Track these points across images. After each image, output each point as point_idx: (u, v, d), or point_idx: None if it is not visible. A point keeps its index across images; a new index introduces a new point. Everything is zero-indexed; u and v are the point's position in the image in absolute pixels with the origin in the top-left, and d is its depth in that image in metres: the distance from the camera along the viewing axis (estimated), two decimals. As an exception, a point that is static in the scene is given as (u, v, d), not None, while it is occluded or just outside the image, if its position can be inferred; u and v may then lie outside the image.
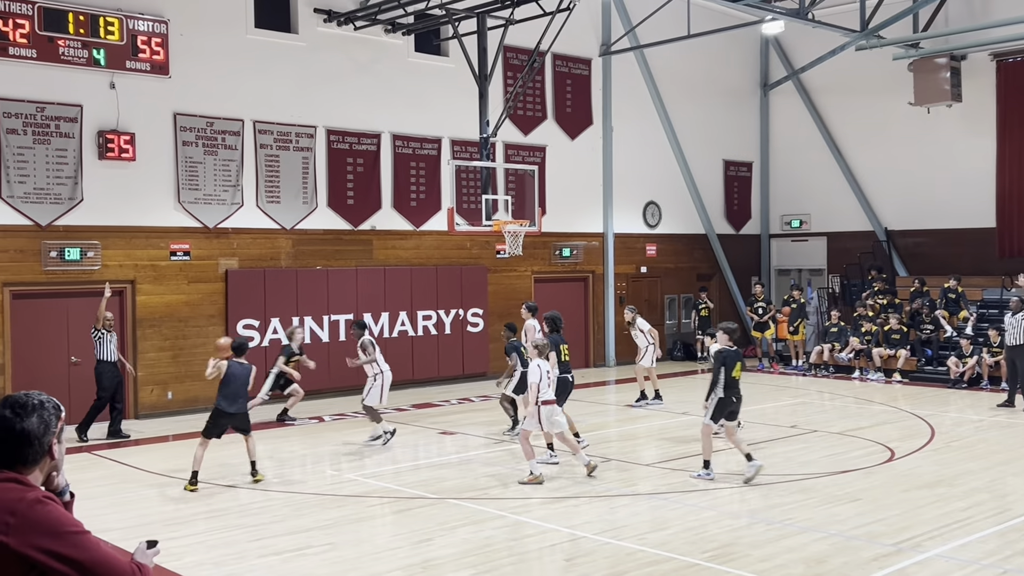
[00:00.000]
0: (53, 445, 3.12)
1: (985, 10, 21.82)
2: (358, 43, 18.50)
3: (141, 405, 16.03)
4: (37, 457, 3.08)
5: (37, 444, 3.06)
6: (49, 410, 3.11)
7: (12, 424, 3.04)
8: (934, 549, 8.27)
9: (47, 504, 2.98)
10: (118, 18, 15.49)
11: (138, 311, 15.99)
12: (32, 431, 3.05)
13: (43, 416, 3.08)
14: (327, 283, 18.09)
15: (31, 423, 3.05)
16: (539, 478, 10.91)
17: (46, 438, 3.09)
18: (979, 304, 21.19)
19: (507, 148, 20.82)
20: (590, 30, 22.40)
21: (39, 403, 3.10)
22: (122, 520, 9.74)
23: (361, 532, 9.08)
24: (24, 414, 3.05)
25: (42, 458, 3.09)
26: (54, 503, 3.02)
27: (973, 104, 22.06)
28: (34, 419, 3.06)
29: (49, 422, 3.10)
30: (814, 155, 25.33)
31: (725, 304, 25.53)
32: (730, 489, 10.62)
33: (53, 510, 2.98)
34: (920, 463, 11.91)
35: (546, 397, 11.16)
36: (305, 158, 17.86)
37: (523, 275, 21.31)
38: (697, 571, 7.80)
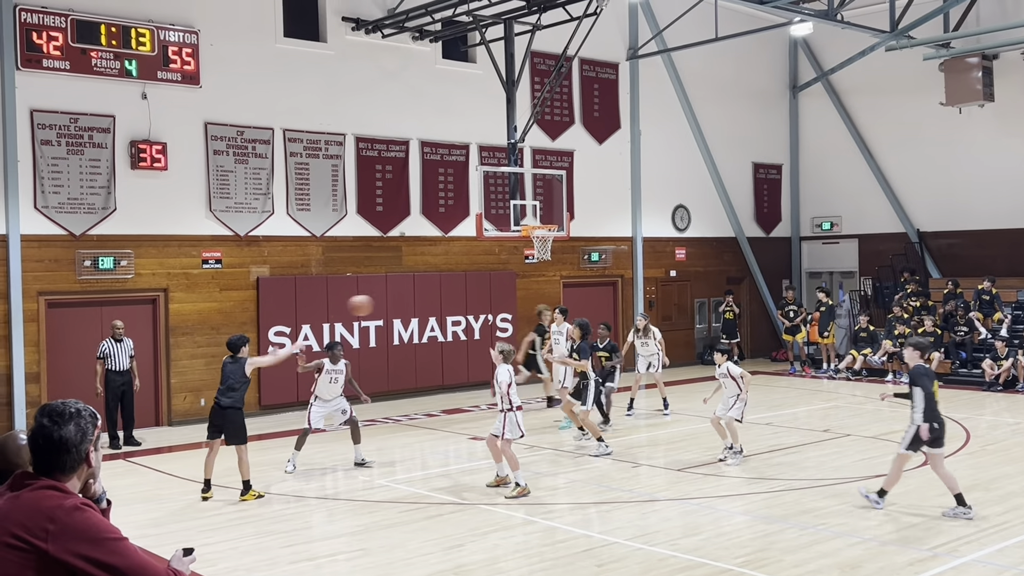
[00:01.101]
0: (90, 452, 3.17)
1: (1017, 9, 21.56)
2: (386, 51, 18.60)
3: (175, 412, 16.18)
4: (75, 464, 3.12)
5: (75, 452, 3.11)
6: (86, 418, 3.16)
7: (50, 432, 3.09)
8: (970, 554, 8.18)
9: (85, 511, 3.03)
10: (149, 29, 15.67)
11: (171, 319, 16.15)
12: (70, 439, 3.09)
13: (80, 424, 3.13)
14: (357, 289, 18.13)
15: (68, 431, 3.10)
16: (525, 490, 10.60)
17: (83, 446, 3.13)
18: (1014, 305, 20.92)
19: (535, 153, 20.83)
20: (617, 34, 22.38)
21: (76, 411, 3.15)
22: (156, 526, 9.83)
23: (393, 538, 9.11)
24: (62, 422, 3.10)
25: (79, 465, 3.14)
26: (92, 510, 3.06)
27: (1006, 103, 21.80)
28: (71, 427, 3.11)
29: (86, 430, 3.14)
30: (844, 157, 25.13)
31: (756, 307, 25.38)
32: (762, 494, 10.55)
33: (91, 517, 3.02)
34: (956, 467, 11.71)
35: (518, 403, 10.91)
36: (334, 165, 17.97)
37: (552, 280, 21.31)
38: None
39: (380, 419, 16.32)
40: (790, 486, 10.85)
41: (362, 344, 18.16)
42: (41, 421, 3.10)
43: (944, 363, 20.02)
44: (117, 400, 14.34)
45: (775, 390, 19.49)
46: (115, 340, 14.36)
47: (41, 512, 2.96)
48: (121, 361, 14.34)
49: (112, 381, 14.25)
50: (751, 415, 15.99)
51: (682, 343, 23.26)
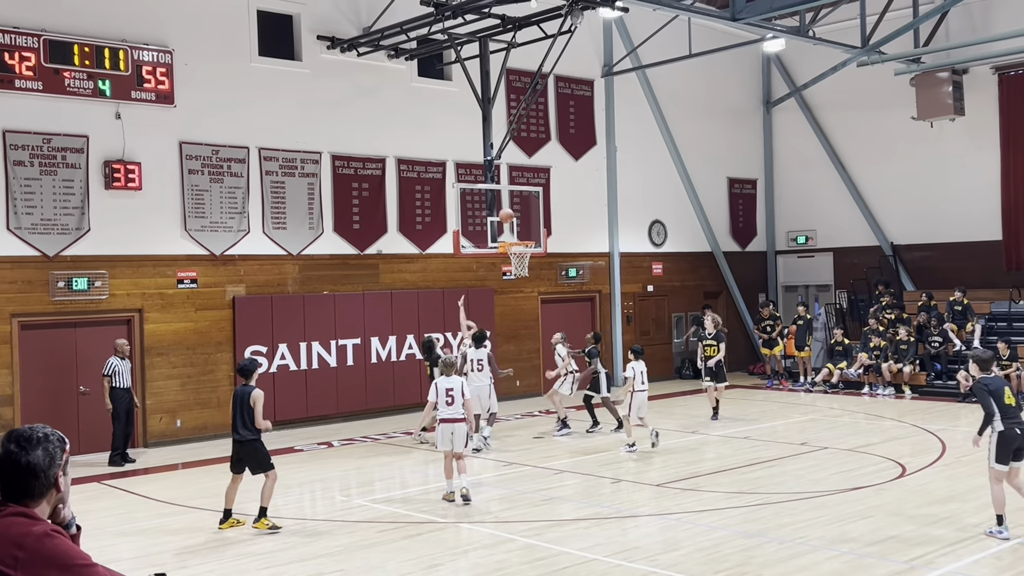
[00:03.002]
0: (59, 477, 3.13)
1: (986, 24, 21.86)
2: (361, 69, 18.61)
3: (150, 433, 16.03)
4: (43, 490, 3.08)
5: (43, 477, 3.07)
6: (54, 443, 3.12)
7: (18, 458, 3.05)
8: (947, 565, 8.22)
9: (55, 537, 2.99)
10: (123, 49, 15.61)
11: (146, 339, 16.02)
12: (38, 464, 3.06)
13: (48, 449, 3.09)
14: (334, 308, 18.12)
15: (36, 456, 3.06)
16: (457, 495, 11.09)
17: (52, 471, 3.09)
18: (987, 317, 21.12)
19: (511, 170, 20.88)
20: (592, 51, 22.51)
21: (44, 436, 3.11)
22: (132, 550, 9.73)
23: (371, 558, 9.05)
24: (29, 447, 3.06)
25: (48, 491, 3.10)
26: (62, 536, 3.02)
27: (976, 117, 22.07)
28: (39, 452, 3.07)
29: (54, 455, 3.11)
30: (818, 171, 25.35)
31: (733, 322, 25.48)
32: (741, 509, 10.57)
33: (61, 543, 2.98)
34: (932, 479, 11.84)
35: (444, 415, 11.21)
36: (311, 184, 17.93)
37: (530, 296, 21.32)
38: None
39: (359, 438, 16.23)
40: (769, 500, 10.87)
41: (339, 362, 18.08)
42: (8, 447, 3.06)
43: (919, 375, 20.17)
44: (124, 416, 14.55)
45: (753, 404, 19.56)
46: (121, 358, 14.59)
47: (9, 539, 2.92)
48: (126, 378, 14.65)
49: (120, 398, 14.51)
50: (728, 429, 16.07)
51: (660, 358, 23.29)
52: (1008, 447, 8.90)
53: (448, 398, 11.22)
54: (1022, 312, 20.70)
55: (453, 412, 11.22)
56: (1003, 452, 8.92)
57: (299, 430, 17.17)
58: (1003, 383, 9.31)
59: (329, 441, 16.05)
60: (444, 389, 11.25)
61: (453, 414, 11.22)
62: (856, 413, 17.97)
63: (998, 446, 8.94)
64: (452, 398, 11.22)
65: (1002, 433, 8.93)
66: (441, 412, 11.26)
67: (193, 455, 15.16)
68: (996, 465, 8.97)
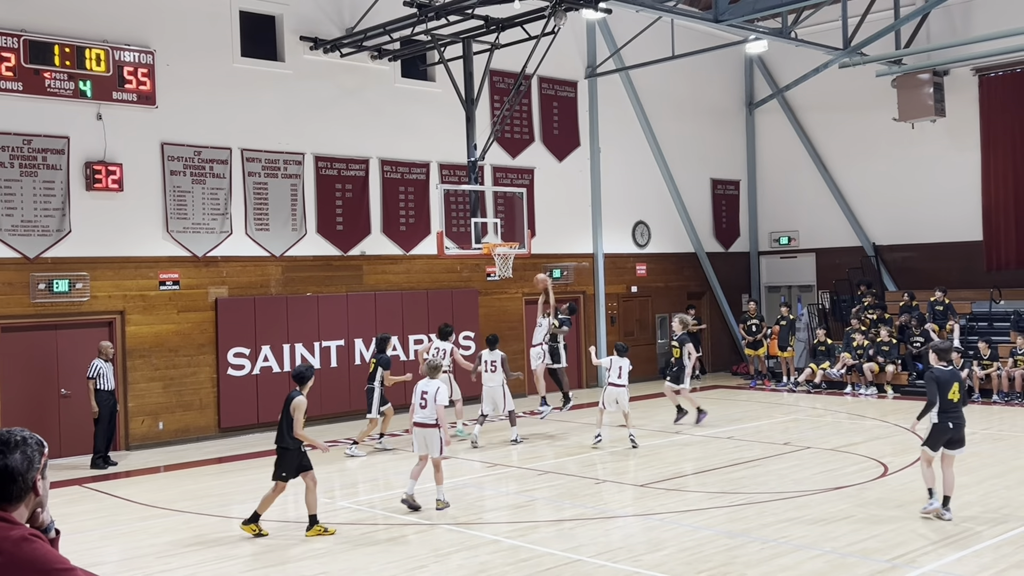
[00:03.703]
0: (37, 481, 3.10)
1: (966, 26, 22.02)
2: (345, 70, 18.57)
3: (132, 436, 15.94)
4: (22, 494, 3.06)
5: (21, 481, 3.04)
6: (32, 446, 3.10)
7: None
8: (929, 564, 8.26)
9: (33, 542, 2.96)
10: (104, 49, 15.52)
11: (128, 342, 15.93)
12: (16, 468, 3.03)
13: (26, 452, 3.07)
14: (318, 309, 18.07)
15: (14, 460, 3.03)
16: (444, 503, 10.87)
17: (30, 474, 3.07)
18: (968, 317, 21.26)
19: (495, 171, 20.88)
20: (575, 53, 22.54)
21: (22, 439, 3.08)
22: (114, 553, 9.68)
23: (354, 560, 9.02)
24: (7, 451, 3.04)
25: (26, 495, 3.07)
26: (40, 540, 2.99)
27: (957, 119, 22.22)
28: (17, 455, 3.04)
29: (32, 458, 3.08)
30: (801, 172, 25.47)
31: (716, 322, 25.56)
32: (724, 508, 10.59)
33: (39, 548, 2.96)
34: (914, 478, 11.87)
35: (416, 419, 10.80)
36: (293, 185, 17.87)
37: (514, 297, 21.33)
38: (692, 592, 7.78)
39: (343, 439, 16.18)
40: (752, 500, 10.91)
41: (323, 364, 18.03)
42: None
43: (900, 375, 20.29)
44: (107, 419, 14.52)
45: (736, 404, 19.62)
46: (105, 360, 14.57)
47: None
48: (111, 381, 14.64)
49: (105, 400, 14.48)
50: (711, 429, 16.12)
51: (644, 358, 23.32)
52: (939, 437, 9.78)
53: (422, 401, 10.78)
54: (1002, 312, 20.85)
55: (425, 417, 10.74)
56: (934, 440, 9.82)
57: (282, 432, 17.09)
58: (955, 377, 9.92)
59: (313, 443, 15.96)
60: (420, 391, 10.85)
61: (425, 419, 10.74)
62: (839, 413, 18.06)
63: (931, 434, 9.86)
64: (425, 402, 10.76)
65: (936, 424, 9.78)
66: (414, 415, 10.86)
67: (175, 458, 15.09)
68: (925, 448, 9.92)
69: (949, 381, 9.81)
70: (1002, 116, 21.91)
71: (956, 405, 9.80)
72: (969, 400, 14.99)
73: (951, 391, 9.75)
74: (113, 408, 14.72)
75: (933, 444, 9.84)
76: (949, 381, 9.81)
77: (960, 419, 9.83)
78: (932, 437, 9.84)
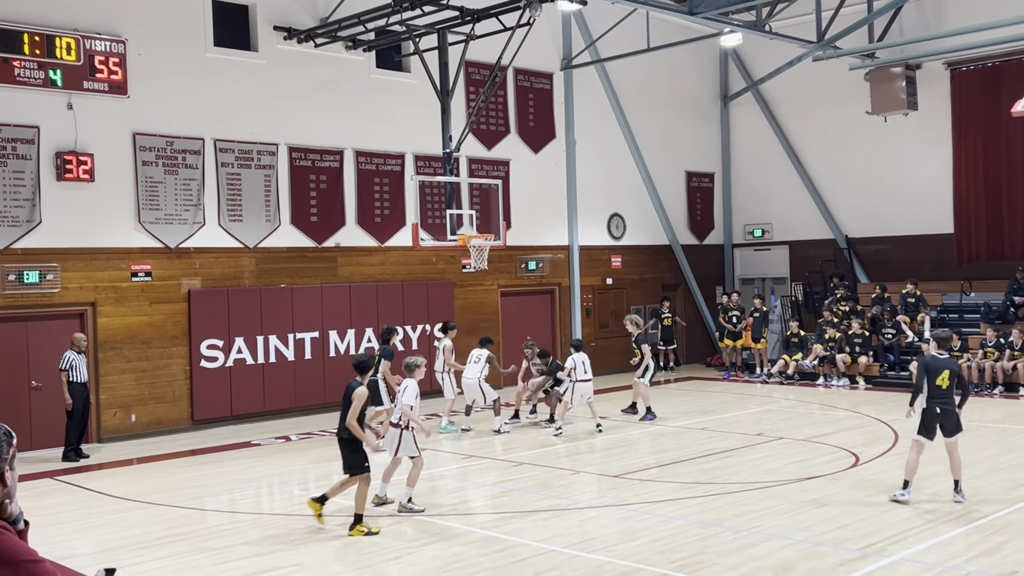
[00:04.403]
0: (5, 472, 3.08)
1: (938, 20, 22.20)
2: (319, 60, 18.47)
3: (104, 428, 15.81)
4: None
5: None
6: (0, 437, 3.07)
7: (-37, 453, 3.00)
8: (899, 553, 8.36)
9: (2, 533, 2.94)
10: (74, 38, 15.34)
11: (100, 333, 15.79)
12: (-17, 459, 3.01)
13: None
14: (291, 301, 17.99)
15: (-18, 451, 3.01)
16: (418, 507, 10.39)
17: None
18: (939, 309, 21.48)
19: (471, 163, 20.84)
20: (551, 44, 22.52)
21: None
22: (86, 546, 9.62)
23: (329, 552, 9.01)
24: (-26, 442, 3.01)
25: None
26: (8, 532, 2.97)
27: (929, 112, 22.41)
28: (-15, 446, 3.02)
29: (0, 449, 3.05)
30: (775, 165, 25.60)
31: (691, 314, 25.68)
32: (697, 499, 10.66)
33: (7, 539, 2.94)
34: (884, 468, 12.03)
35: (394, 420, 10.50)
36: (267, 176, 17.77)
37: (490, 289, 21.32)
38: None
39: (317, 432, 16.13)
40: (725, 490, 10.98)
41: (297, 356, 17.95)
42: (-46, 442, 3.01)
43: (872, 366, 20.47)
44: (80, 412, 14.40)
45: (710, 395, 19.74)
46: (78, 352, 14.44)
47: (-45, 535, 2.87)
48: (83, 373, 14.51)
49: (78, 393, 14.35)
50: (686, 420, 16.21)
51: (619, 351, 23.35)
52: (930, 423, 10.02)
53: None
54: (973, 304, 21.08)
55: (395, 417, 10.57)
56: (926, 426, 10.05)
57: (256, 424, 17.05)
58: (947, 364, 10.11)
59: (287, 435, 15.95)
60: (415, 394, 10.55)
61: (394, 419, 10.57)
62: (811, 404, 18.21)
63: (922, 420, 10.11)
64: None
65: (924, 410, 10.07)
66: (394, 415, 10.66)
67: (148, 450, 14.99)
68: (917, 436, 10.13)
69: (939, 368, 10.01)
70: (973, 110, 22.12)
71: (945, 392, 9.98)
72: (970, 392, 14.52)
73: (940, 377, 9.96)
74: (86, 400, 14.60)
75: (926, 431, 10.04)
76: (939, 368, 10.01)
77: (949, 405, 10.03)
78: (923, 423, 10.08)
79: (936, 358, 10.18)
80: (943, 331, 10.72)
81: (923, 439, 10.07)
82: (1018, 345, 18.60)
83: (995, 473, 11.57)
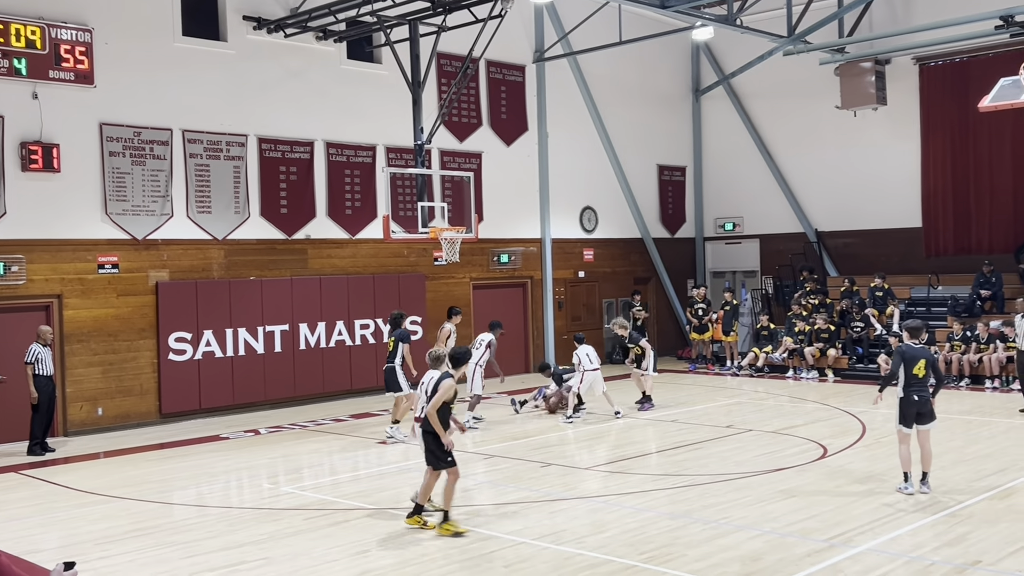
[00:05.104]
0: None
1: (907, 15, 22.37)
2: (289, 50, 18.32)
3: (70, 422, 15.63)
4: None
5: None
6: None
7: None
8: (865, 543, 8.42)
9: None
10: (39, 27, 15.12)
11: (66, 326, 15.60)
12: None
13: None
14: (261, 293, 17.86)
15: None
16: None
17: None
18: (907, 302, 21.68)
19: (443, 155, 20.77)
20: (523, 37, 22.47)
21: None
22: (52, 540, 9.50)
23: (297, 546, 8.95)
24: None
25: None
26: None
27: (898, 107, 22.59)
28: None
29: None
30: (746, 159, 25.72)
31: (662, 307, 25.76)
32: (667, 490, 10.70)
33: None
34: (852, 459, 12.13)
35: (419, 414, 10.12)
36: (236, 167, 17.61)
37: (461, 282, 21.27)
38: (635, 573, 7.84)
39: (287, 425, 16.04)
40: (694, 482, 11.03)
41: (267, 349, 17.83)
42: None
43: (841, 358, 20.63)
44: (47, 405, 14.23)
45: (680, 388, 19.81)
46: (43, 344, 14.25)
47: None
48: (49, 366, 14.33)
49: (44, 386, 14.17)
50: (656, 413, 16.28)
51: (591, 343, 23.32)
52: (908, 411, 10.17)
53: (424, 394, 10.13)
54: (940, 297, 21.29)
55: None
56: (904, 415, 10.20)
57: (225, 418, 16.93)
58: (922, 354, 10.26)
59: (256, 429, 15.83)
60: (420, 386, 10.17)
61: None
62: (780, 396, 18.32)
63: (900, 410, 10.24)
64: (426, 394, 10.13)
65: (902, 399, 10.21)
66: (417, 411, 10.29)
67: (115, 444, 14.84)
68: (899, 427, 10.26)
69: (916, 357, 10.18)
70: (941, 105, 22.32)
71: (921, 380, 10.17)
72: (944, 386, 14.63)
73: (917, 366, 10.13)
74: (52, 394, 14.42)
75: (905, 420, 10.21)
76: (916, 357, 10.18)
77: (925, 393, 10.22)
78: (902, 412, 10.23)
79: (912, 347, 10.31)
80: (915, 321, 10.85)
81: (905, 428, 10.21)
82: (984, 338, 18.81)
83: (960, 464, 11.69)
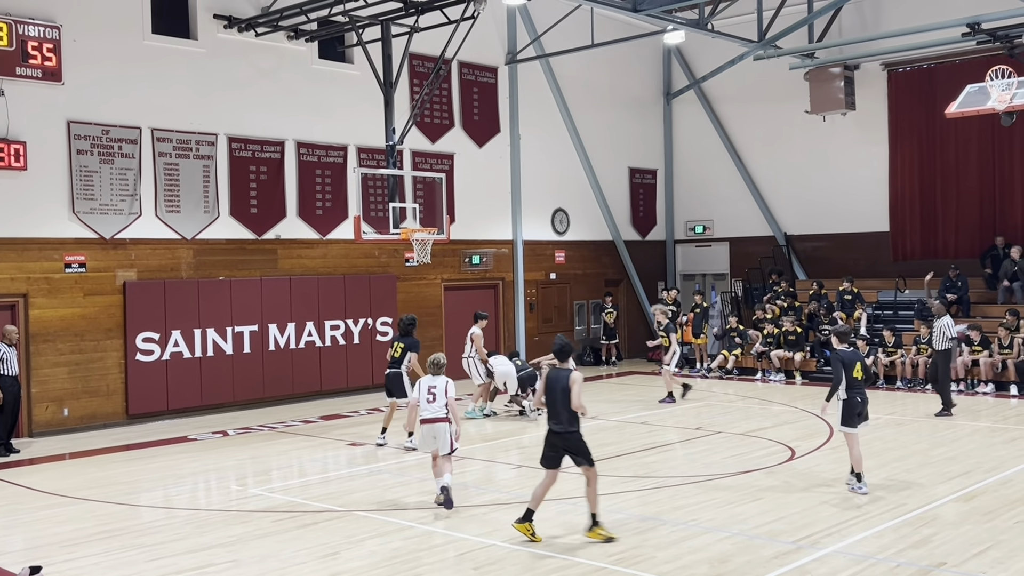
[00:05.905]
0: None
1: (876, 21, 22.62)
2: (260, 49, 18.21)
3: (36, 423, 15.45)
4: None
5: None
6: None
7: None
8: (832, 546, 8.50)
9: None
10: (6, 23, 14.93)
11: (31, 325, 15.42)
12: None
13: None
14: (230, 294, 17.73)
15: None
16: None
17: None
18: (874, 305, 21.90)
19: (414, 156, 20.73)
20: (496, 38, 22.48)
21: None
22: (17, 543, 9.38)
23: (265, 548, 8.90)
24: None
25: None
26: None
27: (866, 112, 22.83)
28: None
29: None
30: (716, 162, 25.88)
31: (633, 309, 25.87)
32: (636, 492, 10.74)
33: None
34: (819, 461, 12.24)
35: (424, 415, 10.33)
36: (206, 166, 17.48)
37: (433, 283, 21.24)
38: (604, 575, 7.87)
39: (255, 426, 15.95)
40: (663, 484, 11.09)
41: (236, 349, 17.71)
42: None
43: (809, 361, 20.81)
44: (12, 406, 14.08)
45: (650, 390, 19.87)
46: (9, 344, 14.08)
47: None
48: (14, 366, 14.16)
49: (9, 386, 14.02)
50: (626, 414, 16.33)
51: (561, 345, 23.47)
52: (852, 411, 10.52)
53: (429, 396, 10.33)
54: (907, 301, 21.53)
55: (433, 411, 10.30)
56: (848, 416, 10.54)
57: (193, 419, 16.80)
58: (857, 357, 10.74)
59: (224, 430, 15.72)
60: (426, 387, 10.38)
61: (435, 413, 10.29)
62: (749, 398, 18.45)
63: (843, 411, 10.57)
64: (434, 395, 10.31)
65: (846, 401, 10.54)
66: (422, 411, 10.38)
67: (81, 445, 14.69)
68: (843, 428, 10.62)
69: (852, 361, 10.61)
70: (909, 110, 22.59)
71: (860, 382, 10.62)
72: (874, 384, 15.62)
73: (855, 370, 10.56)
74: (17, 394, 14.24)
75: (850, 421, 10.54)
76: (852, 361, 10.61)
77: (865, 395, 10.66)
78: (846, 414, 10.55)
79: (847, 352, 10.71)
80: (843, 327, 11.40)
81: (851, 429, 10.56)
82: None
83: (926, 467, 11.83)
